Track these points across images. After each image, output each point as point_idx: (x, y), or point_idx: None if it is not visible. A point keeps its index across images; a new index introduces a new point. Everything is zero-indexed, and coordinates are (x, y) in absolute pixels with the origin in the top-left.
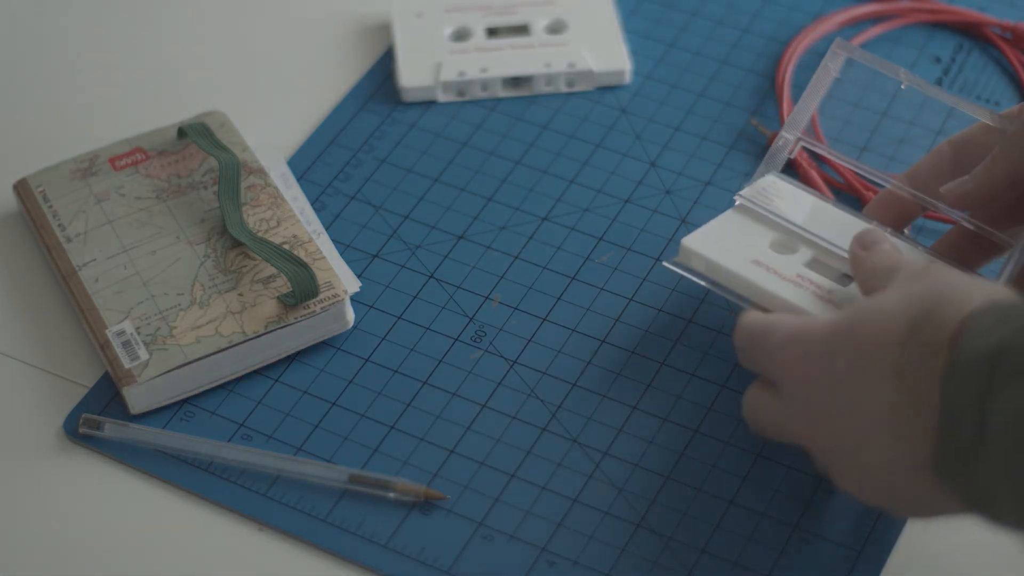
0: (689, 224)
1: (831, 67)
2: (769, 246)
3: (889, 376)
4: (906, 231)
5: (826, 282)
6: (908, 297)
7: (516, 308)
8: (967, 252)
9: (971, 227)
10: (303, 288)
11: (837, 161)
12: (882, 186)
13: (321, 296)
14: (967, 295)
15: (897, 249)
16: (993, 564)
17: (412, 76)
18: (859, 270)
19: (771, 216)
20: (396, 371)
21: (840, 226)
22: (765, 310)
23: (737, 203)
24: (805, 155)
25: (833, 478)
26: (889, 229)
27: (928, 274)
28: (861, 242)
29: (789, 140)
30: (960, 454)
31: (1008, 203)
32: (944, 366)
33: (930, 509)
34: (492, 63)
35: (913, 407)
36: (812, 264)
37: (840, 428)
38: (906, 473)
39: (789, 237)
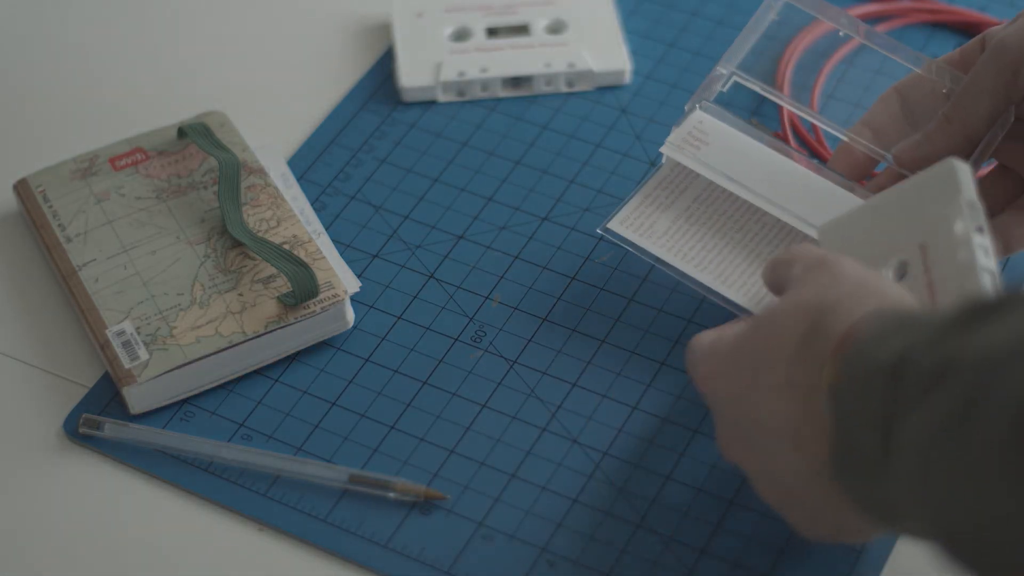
0: None
1: (773, 6)
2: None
3: (783, 388)
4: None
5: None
6: (799, 306)
7: (516, 308)
8: None
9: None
10: (303, 288)
11: (783, 104)
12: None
13: (321, 296)
14: (855, 303)
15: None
16: None
17: (412, 76)
18: (768, 278)
19: (698, 167)
20: (396, 371)
21: (772, 171)
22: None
23: (664, 157)
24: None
25: (757, 492)
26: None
27: (821, 275)
28: (769, 264)
29: (723, 74)
30: (859, 466)
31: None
32: (830, 378)
33: (842, 528)
34: (492, 63)
35: (807, 419)
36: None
37: (750, 441)
38: (810, 484)
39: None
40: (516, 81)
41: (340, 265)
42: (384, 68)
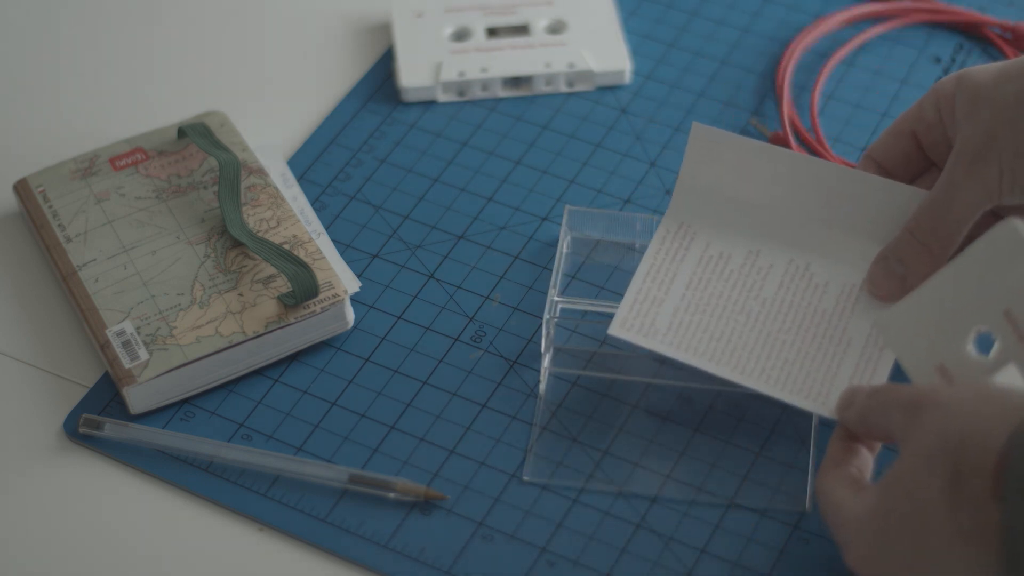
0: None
1: (564, 240)
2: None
3: (954, 540)
4: None
5: None
6: (921, 455)
7: (516, 308)
8: None
9: None
10: (303, 288)
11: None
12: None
13: (321, 296)
14: (983, 426)
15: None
16: None
17: (412, 76)
18: (853, 423)
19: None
20: (396, 371)
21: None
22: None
23: (649, 248)
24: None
25: None
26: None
27: (927, 414)
28: (841, 403)
29: (552, 303)
30: None
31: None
32: (996, 517)
33: None
34: (492, 63)
35: (996, 557)
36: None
37: None
38: None
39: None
40: (516, 81)
41: (340, 265)
42: (384, 68)
